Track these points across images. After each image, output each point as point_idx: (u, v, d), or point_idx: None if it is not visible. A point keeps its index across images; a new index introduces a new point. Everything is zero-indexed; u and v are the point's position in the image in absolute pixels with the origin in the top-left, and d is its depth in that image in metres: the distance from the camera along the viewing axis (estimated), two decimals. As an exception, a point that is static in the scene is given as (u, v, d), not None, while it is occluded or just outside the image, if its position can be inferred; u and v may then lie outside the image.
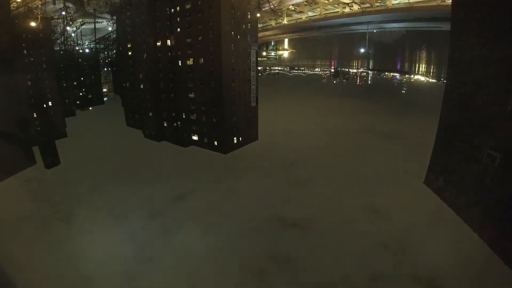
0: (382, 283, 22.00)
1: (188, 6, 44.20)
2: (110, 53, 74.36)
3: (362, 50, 70.31)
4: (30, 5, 48.88)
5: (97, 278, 23.64)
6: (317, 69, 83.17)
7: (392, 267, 23.13)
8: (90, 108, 67.64)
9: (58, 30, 60.74)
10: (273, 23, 66.30)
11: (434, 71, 67.34)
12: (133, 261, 25.78)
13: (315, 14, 60.26)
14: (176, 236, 29.19)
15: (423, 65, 70.09)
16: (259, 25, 58.40)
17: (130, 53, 56.49)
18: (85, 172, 43.01)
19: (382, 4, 50.39)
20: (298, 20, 63.46)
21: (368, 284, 21.97)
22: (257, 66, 49.59)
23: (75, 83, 64.34)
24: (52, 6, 53.69)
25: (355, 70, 78.26)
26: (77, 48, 67.48)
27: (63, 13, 57.25)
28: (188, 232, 29.67)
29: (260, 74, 64.19)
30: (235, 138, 46.58)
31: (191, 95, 46.99)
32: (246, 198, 35.09)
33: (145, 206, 34.50)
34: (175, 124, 50.75)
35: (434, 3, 43.05)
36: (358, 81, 77.94)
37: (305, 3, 58.23)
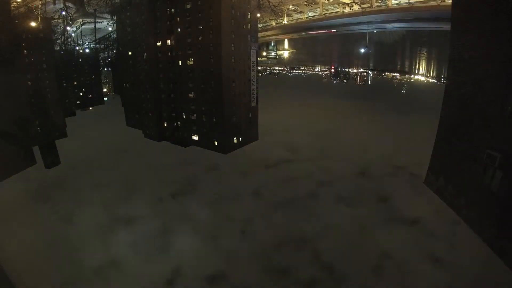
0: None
1: (188, 6, 44.17)
2: (110, 53, 74.24)
3: (362, 50, 70.18)
4: (30, 5, 48.79)
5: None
6: (317, 69, 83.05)
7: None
8: (90, 108, 67.53)
9: (58, 30, 60.64)
10: (273, 23, 66.27)
11: (434, 71, 67.25)
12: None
13: (315, 14, 60.20)
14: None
15: (423, 65, 69.99)
16: (259, 25, 58.33)
17: (130, 53, 56.43)
18: (85, 172, 43.08)
19: (382, 4, 50.33)
20: (298, 20, 63.40)
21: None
22: (257, 66, 49.56)
23: (75, 83, 64.17)
24: (52, 6, 53.58)
25: (355, 70, 78.12)
26: (77, 48, 67.42)
27: (63, 13, 57.13)
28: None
29: (260, 74, 64.16)
30: (235, 138, 46.56)
31: (191, 95, 46.99)
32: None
33: (143, 208, 34.55)
34: (175, 124, 50.73)
35: (434, 3, 42.98)
36: (358, 81, 77.81)
37: (305, 3, 58.19)
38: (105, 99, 72.20)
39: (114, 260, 28.17)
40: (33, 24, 45.76)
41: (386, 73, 75.42)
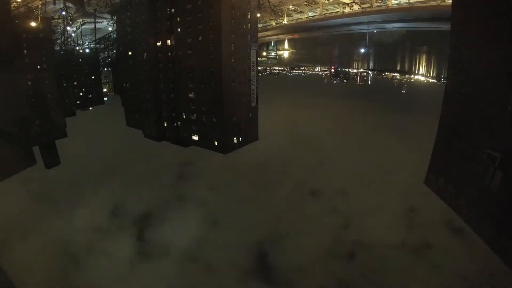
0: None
1: (188, 6, 44.17)
2: (110, 53, 74.25)
3: (362, 50, 70.15)
4: (30, 5, 48.79)
5: None
6: (317, 69, 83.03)
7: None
8: (91, 108, 67.51)
9: (58, 30, 60.65)
10: (273, 23, 66.24)
11: (434, 71, 67.21)
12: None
13: (315, 14, 60.14)
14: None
15: (423, 65, 69.96)
16: (259, 25, 58.29)
17: (130, 53, 56.44)
18: (85, 172, 43.05)
19: (382, 4, 50.28)
20: (298, 20, 63.35)
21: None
22: (257, 66, 49.54)
23: (75, 83, 64.17)
24: (52, 6, 53.57)
25: (355, 70, 78.08)
26: (77, 48, 67.44)
27: (63, 13, 57.13)
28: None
29: (260, 74, 64.13)
30: (235, 138, 46.55)
31: (191, 95, 46.98)
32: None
33: (144, 207, 34.54)
34: (175, 124, 50.71)
35: (434, 3, 42.93)
36: (358, 81, 77.81)
37: (305, 3, 58.14)
38: (105, 99, 72.19)
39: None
40: (33, 24, 45.73)
41: (386, 73, 75.40)
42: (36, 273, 24.92)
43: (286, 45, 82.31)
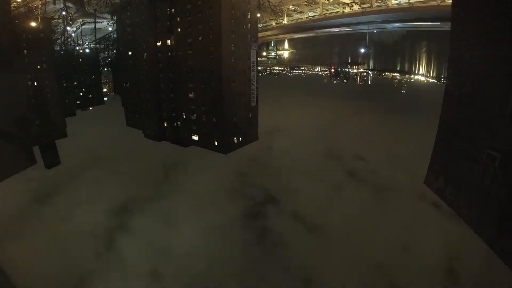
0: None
1: (188, 6, 44.20)
2: (110, 53, 74.44)
3: (362, 50, 70.32)
4: (30, 5, 48.89)
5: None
6: (317, 69, 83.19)
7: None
8: (90, 108, 67.68)
9: (58, 30, 60.80)
10: (273, 23, 66.36)
11: (434, 71, 67.33)
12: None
13: (315, 14, 60.27)
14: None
15: (423, 65, 70.08)
16: (259, 25, 58.39)
17: (130, 53, 56.48)
18: (85, 172, 42.95)
19: (382, 4, 50.39)
20: (298, 20, 63.49)
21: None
22: (257, 66, 49.55)
23: (75, 83, 64.38)
24: (52, 6, 53.71)
25: (355, 70, 78.23)
26: (77, 48, 67.59)
27: (63, 13, 57.30)
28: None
29: (260, 74, 64.16)
30: (235, 138, 46.57)
31: (191, 95, 46.99)
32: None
33: (144, 208, 34.43)
34: (175, 124, 50.75)
35: (434, 3, 43.06)
36: (358, 81, 78.00)
37: (305, 3, 58.27)
38: (105, 99, 72.36)
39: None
40: (33, 24, 45.80)
41: (386, 73, 75.56)
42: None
43: (286, 45, 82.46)
